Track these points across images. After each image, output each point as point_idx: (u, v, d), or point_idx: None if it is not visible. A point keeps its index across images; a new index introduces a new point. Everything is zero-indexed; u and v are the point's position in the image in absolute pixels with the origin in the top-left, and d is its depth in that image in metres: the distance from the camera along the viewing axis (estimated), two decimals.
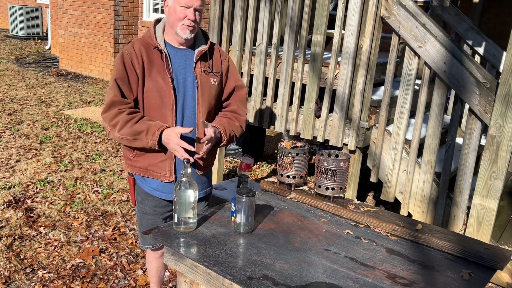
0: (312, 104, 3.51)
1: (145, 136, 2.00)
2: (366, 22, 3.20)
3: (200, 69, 2.14)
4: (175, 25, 2.05)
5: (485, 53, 4.07)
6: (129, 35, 8.99)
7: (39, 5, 13.44)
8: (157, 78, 2.07)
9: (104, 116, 2.04)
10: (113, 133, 2.03)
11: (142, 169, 2.16)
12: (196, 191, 1.78)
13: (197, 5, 2.03)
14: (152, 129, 2.00)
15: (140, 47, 2.08)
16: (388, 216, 1.99)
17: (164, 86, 2.07)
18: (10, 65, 9.58)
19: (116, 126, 2.00)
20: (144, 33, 2.18)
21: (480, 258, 1.69)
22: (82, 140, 5.45)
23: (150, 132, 2.00)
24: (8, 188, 4.04)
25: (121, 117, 2.00)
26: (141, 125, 2.01)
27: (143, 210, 2.25)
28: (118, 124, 2.00)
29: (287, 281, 1.48)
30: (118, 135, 2.01)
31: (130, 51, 2.06)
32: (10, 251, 3.13)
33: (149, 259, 2.47)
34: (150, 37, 2.10)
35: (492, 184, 2.80)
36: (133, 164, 2.18)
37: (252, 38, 3.80)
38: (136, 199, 2.28)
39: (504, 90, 2.70)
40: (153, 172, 2.15)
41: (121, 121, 1.99)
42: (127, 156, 2.19)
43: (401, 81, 3.17)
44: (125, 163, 2.24)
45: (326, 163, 2.01)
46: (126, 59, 2.05)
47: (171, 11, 2.04)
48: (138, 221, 2.31)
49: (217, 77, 2.20)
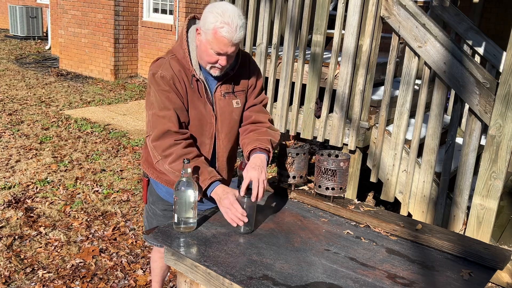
0: (312, 104, 3.52)
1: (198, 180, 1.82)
2: (366, 22, 3.20)
3: (220, 93, 1.97)
4: (204, 63, 1.88)
5: (485, 53, 4.07)
6: (129, 35, 8.99)
7: (39, 5, 13.44)
8: (199, 106, 1.92)
9: (156, 144, 1.86)
10: (162, 164, 1.87)
11: (168, 182, 2.07)
12: (196, 191, 1.77)
13: (231, 52, 1.81)
14: (203, 175, 1.82)
15: (179, 69, 1.88)
16: (388, 216, 1.99)
17: (206, 115, 1.94)
18: (10, 65, 9.58)
19: (168, 157, 1.84)
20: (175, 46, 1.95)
21: (480, 258, 1.69)
22: (82, 140, 5.45)
23: (200, 178, 1.82)
24: (8, 188, 4.04)
25: (176, 150, 1.83)
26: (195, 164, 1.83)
27: (154, 211, 2.23)
28: (171, 157, 1.83)
29: (287, 281, 1.48)
30: (167, 167, 1.85)
31: (171, 74, 1.86)
32: (10, 251, 3.13)
33: (154, 257, 2.47)
34: (185, 58, 1.90)
35: (492, 184, 2.80)
36: (160, 175, 2.08)
37: (252, 38, 3.80)
38: (148, 199, 2.25)
39: (504, 90, 2.70)
40: None
41: (175, 154, 1.83)
42: (153, 166, 2.06)
43: (401, 81, 3.17)
44: (146, 167, 2.14)
45: (326, 163, 2.01)
46: (170, 83, 1.85)
47: (202, 48, 1.83)
48: (148, 220, 2.29)
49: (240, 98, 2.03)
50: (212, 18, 1.76)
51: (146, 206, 2.30)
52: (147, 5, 8.97)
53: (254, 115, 2.07)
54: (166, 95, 1.85)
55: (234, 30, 1.76)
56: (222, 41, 1.77)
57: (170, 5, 8.76)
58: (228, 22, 1.75)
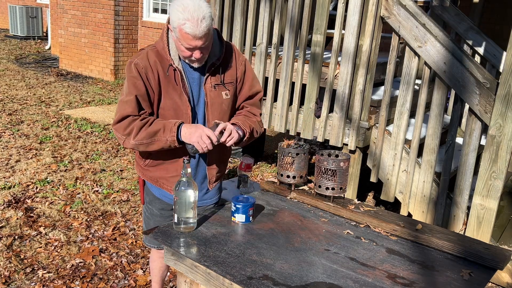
0: (312, 104, 3.51)
1: (162, 134, 1.89)
2: (366, 22, 3.20)
3: (210, 85, 2.00)
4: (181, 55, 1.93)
5: (485, 53, 4.07)
6: (129, 35, 8.99)
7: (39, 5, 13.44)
8: (173, 96, 1.96)
9: (116, 127, 1.93)
10: (128, 142, 1.93)
11: (152, 179, 2.13)
12: (196, 191, 1.78)
13: (201, 44, 1.83)
14: (168, 125, 1.90)
15: (155, 60, 1.93)
16: (388, 216, 1.99)
17: (181, 105, 1.97)
18: (10, 65, 9.58)
19: (131, 133, 1.90)
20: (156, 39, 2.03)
21: (480, 258, 1.69)
22: (82, 140, 5.45)
23: (167, 129, 1.89)
24: (8, 188, 4.04)
25: (135, 124, 1.90)
26: (156, 125, 1.91)
27: (151, 211, 2.24)
28: (133, 131, 1.90)
29: (287, 281, 1.48)
30: (133, 142, 1.91)
31: (145, 64, 1.91)
32: (10, 251, 3.13)
33: (153, 257, 2.47)
34: (164, 49, 1.94)
35: (492, 184, 2.80)
36: (144, 172, 2.14)
37: (252, 38, 3.80)
38: (145, 199, 2.26)
39: (504, 90, 2.70)
40: (163, 185, 2.11)
41: (136, 127, 1.90)
42: (139, 163, 2.15)
43: (401, 81, 3.17)
44: (137, 168, 2.19)
45: (326, 163, 2.01)
46: (142, 72, 1.91)
47: (176, 44, 1.89)
48: (145, 220, 2.29)
49: (230, 89, 2.06)
50: (174, 16, 1.80)
51: (144, 207, 2.30)
52: (147, 5, 8.97)
53: (249, 107, 2.14)
54: (133, 81, 1.91)
55: (196, 24, 1.76)
56: (188, 37, 1.79)
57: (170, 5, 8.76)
58: (189, 18, 1.76)
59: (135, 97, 1.91)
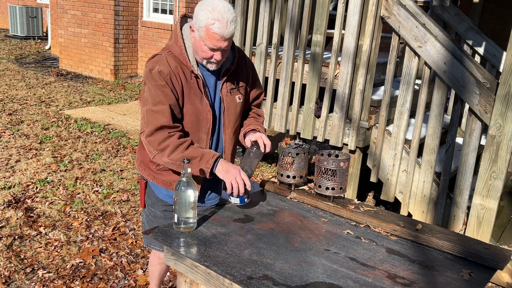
0: (312, 104, 3.51)
1: (198, 163, 1.86)
2: (366, 22, 3.20)
3: (226, 90, 2.02)
4: (200, 58, 1.92)
5: (485, 53, 4.07)
6: (129, 35, 8.99)
7: (39, 5, 13.44)
8: (195, 101, 1.95)
9: (150, 140, 1.87)
10: (160, 157, 1.88)
11: (165, 182, 2.09)
12: (196, 191, 1.77)
13: (224, 46, 1.85)
14: (206, 156, 1.87)
15: (176, 65, 1.90)
16: (388, 216, 1.99)
17: (202, 110, 1.96)
18: (10, 65, 9.58)
19: (165, 150, 1.86)
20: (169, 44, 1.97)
21: (480, 258, 1.69)
22: (82, 140, 5.45)
23: (204, 159, 1.86)
24: (8, 188, 4.04)
25: (171, 141, 1.85)
26: (194, 151, 1.87)
27: (154, 213, 2.21)
28: (168, 149, 1.85)
29: (287, 281, 1.48)
30: (167, 160, 1.87)
31: (168, 70, 1.88)
32: (10, 251, 3.13)
33: (153, 262, 2.44)
34: (182, 55, 1.92)
35: (492, 184, 2.80)
36: (156, 176, 2.10)
37: (252, 38, 3.80)
38: (146, 202, 2.23)
39: (504, 90, 2.70)
40: None
41: (172, 145, 1.85)
42: (149, 167, 2.09)
43: (401, 81, 3.17)
44: (141, 168, 2.14)
45: (326, 163, 2.01)
46: (167, 78, 1.87)
47: (197, 44, 1.87)
48: (148, 223, 2.26)
49: (242, 93, 2.09)
50: (203, 15, 1.80)
51: (145, 210, 2.27)
52: (147, 5, 8.97)
53: (255, 109, 2.25)
54: (162, 89, 1.86)
55: (225, 25, 1.79)
56: (215, 37, 1.80)
57: (170, 5, 8.76)
58: (219, 18, 1.78)
59: (168, 106, 1.86)
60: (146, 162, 2.10)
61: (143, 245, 2.37)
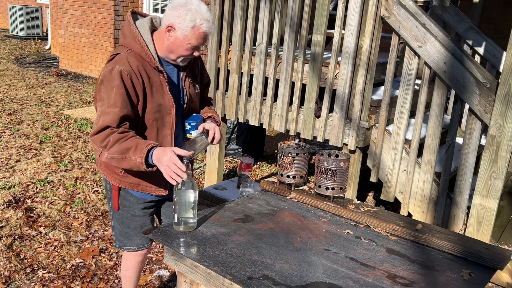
0: (312, 104, 3.52)
1: (133, 153, 1.81)
2: (366, 22, 3.20)
3: (188, 82, 2.09)
4: (173, 55, 1.97)
5: (485, 53, 4.07)
6: None
7: (39, 5, 13.44)
8: (158, 98, 1.97)
9: (94, 138, 1.87)
10: (103, 154, 1.87)
11: (133, 184, 2.08)
12: (196, 191, 1.77)
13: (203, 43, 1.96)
14: (140, 145, 1.82)
15: (137, 64, 1.92)
16: (388, 216, 1.99)
17: (165, 106, 1.99)
18: (10, 65, 9.58)
19: (107, 145, 1.85)
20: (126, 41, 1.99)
21: (480, 258, 1.69)
22: (82, 140, 5.45)
23: (138, 149, 1.82)
24: (8, 188, 4.04)
25: (112, 136, 1.84)
26: (130, 142, 1.84)
27: (132, 213, 2.19)
28: (109, 144, 1.84)
29: (287, 281, 1.48)
30: (106, 155, 1.86)
31: (129, 70, 1.88)
32: (10, 251, 3.13)
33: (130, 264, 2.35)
34: (144, 52, 1.93)
35: (492, 184, 2.80)
36: (122, 179, 2.08)
37: (252, 38, 3.80)
38: (120, 204, 2.18)
39: (504, 90, 2.70)
40: (146, 187, 2.09)
41: (112, 139, 1.84)
42: (114, 171, 2.08)
43: (401, 81, 3.17)
44: (107, 173, 2.11)
45: (326, 163, 2.01)
46: (126, 79, 1.87)
47: (177, 43, 1.92)
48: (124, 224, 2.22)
49: (198, 83, 2.19)
50: (191, 16, 1.87)
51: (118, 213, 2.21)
52: (147, 5, 8.97)
53: (206, 96, 2.39)
54: (116, 91, 1.86)
55: (211, 25, 1.93)
56: (201, 36, 1.91)
57: None
58: (206, 18, 1.90)
59: (119, 109, 1.86)
60: (112, 166, 2.06)
61: (115, 248, 2.30)
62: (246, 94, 3.88)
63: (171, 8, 1.91)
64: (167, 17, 1.92)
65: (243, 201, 2.12)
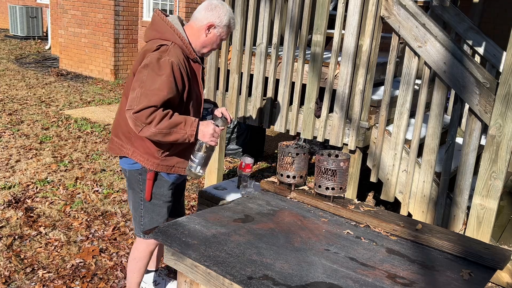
0: (312, 104, 3.52)
1: (183, 127, 2.09)
2: (366, 22, 3.20)
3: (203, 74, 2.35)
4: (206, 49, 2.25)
5: (485, 53, 4.07)
6: (129, 35, 8.99)
7: (39, 5, 13.44)
8: (194, 87, 2.23)
9: (138, 115, 2.04)
10: (147, 130, 2.05)
11: (169, 167, 2.29)
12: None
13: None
14: (189, 120, 2.12)
15: (183, 56, 2.15)
16: (388, 216, 1.99)
17: (200, 95, 2.27)
18: (10, 65, 9.58)
19: (153, 121, 2.04)
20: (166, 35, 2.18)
21: (480, 258, 1.69)
22: (82, 140, 5.45)
23: (188, 123, 2.10)
24: (8, 188, 4.04)
25: (158, 113, 2.04)
26: (177, 118, 2.09)
27: (163, 199, 2.36)
28: (155, 119, 2.04)
29: (287, 281, 1.48)
30: (154, 130, 2.05)
31: (178, 61, 2.11)
32: (10, 251, 3.13)
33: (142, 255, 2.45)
34: (186, 46, 2.18)
35: (492, 184, 2.80)
36: (161, 163, 2.26)
37: (252, 38, 3.80)
38: (153, 193, 2.33)
39: (504, 90, 2.70)
40: (179, 168, 2.31)
41: (158, 116, 2.04)
42: (154, 155, 2.24)
43: (401, 81, 3.17)
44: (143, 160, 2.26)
45: (326, 163, 2.01)
46: (176, 69, 2.09)
47: (212, 38, 2.22)
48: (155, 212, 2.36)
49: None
50: (227, 16, 2.23)
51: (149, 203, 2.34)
52: (147, 5, 8.97)
53: None
54: (168, 79, 2.06)
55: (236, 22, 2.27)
56: (229, 32, 2.30)
57: (170, 5, 8.76)
58: (234, 17, 2.28)
59: (166, 94, 2.06)
60: (152, 151, 2.24)
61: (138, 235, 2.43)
62: (246, 94, 3.88)
63: (208, 10, 2.20)
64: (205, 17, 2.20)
65: (243, 201, 2.12)
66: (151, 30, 2.22)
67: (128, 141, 2.25)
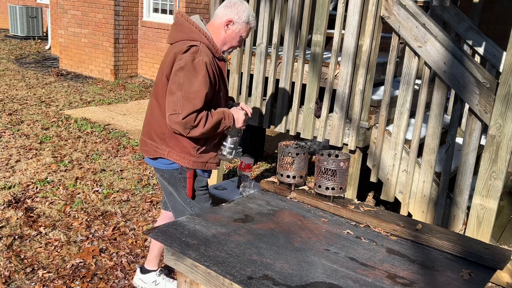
0: (312, 104, 3.52)
1: (224, 121, 2.27)
2: (366, 22, 3.20)
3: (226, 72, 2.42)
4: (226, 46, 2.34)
5: (485, 53, 4.07)
6: (129, 35, 8.99)
7: (39, 5, 13.44)
8: (222, 87, 2.34)
9: (186, 120, 2.15)
10: (196, 131, 2.19)
11: (204, 163, 2.40)
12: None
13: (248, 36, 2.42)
14: (226, 112, 2.30)
15: (211, 55, 2.24)
16: (388, 216, 1.99)
17: (226, 93, 2.40)
18: (10, 65, 9.58)
19: (200, 123, 2.18)
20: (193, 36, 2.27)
21: (480, 258, 1.69)
22: (82, 140, 5.45)
23: (226, 116, 2.28)
24: (8, 188, 4.04)
25: (202, 115, 2.18)
26: (217, 115, 2.25)
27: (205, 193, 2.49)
28: (201, 121, 2.18)
29: (287, 281, 1.48)
30: (202, 130, 2.20)
31: (210, 61, 2.20)
32: (10, 251, 3.13)
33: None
34: (212, 44, 2.26)
35: (492, 184, 2.80)
36: (197, 160, 2.37)
37: (252, 38, 3.80)
38: (196, 188, 2.44)
39: (504, 90, 2.70)
40: (211, 164, 2.44)
41: (203, 118, 2.18)
42: (190, 153, 2.33)
43: (401, 81, 3.17)
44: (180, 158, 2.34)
45: (326, 163, 2.01)
46: (210, 69, 2.19)
47: (232, 35, 2.31)
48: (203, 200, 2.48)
49: None
50: (246, 13, 2.29)
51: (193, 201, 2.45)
52: (147, 5, 8.96)
53: None
54: (204, 79, 2.16)
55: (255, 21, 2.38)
56: (249, 30, 2.37)
57: (170, 5, 8.76)
58: (254, 15, 2.35)
59: (205, 94, 2.17)
60: (188, 149, 2.33)
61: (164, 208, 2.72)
62: (246, 94, 3.88)
63: (228, 7, 2.28)
64: (224, 14, 2.28)
65: (243, 201, 2.12)
66: (176, 31, 2.29)
67: (163, 142, 2.32)
